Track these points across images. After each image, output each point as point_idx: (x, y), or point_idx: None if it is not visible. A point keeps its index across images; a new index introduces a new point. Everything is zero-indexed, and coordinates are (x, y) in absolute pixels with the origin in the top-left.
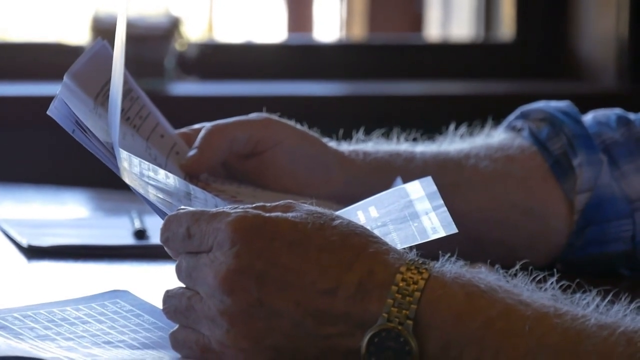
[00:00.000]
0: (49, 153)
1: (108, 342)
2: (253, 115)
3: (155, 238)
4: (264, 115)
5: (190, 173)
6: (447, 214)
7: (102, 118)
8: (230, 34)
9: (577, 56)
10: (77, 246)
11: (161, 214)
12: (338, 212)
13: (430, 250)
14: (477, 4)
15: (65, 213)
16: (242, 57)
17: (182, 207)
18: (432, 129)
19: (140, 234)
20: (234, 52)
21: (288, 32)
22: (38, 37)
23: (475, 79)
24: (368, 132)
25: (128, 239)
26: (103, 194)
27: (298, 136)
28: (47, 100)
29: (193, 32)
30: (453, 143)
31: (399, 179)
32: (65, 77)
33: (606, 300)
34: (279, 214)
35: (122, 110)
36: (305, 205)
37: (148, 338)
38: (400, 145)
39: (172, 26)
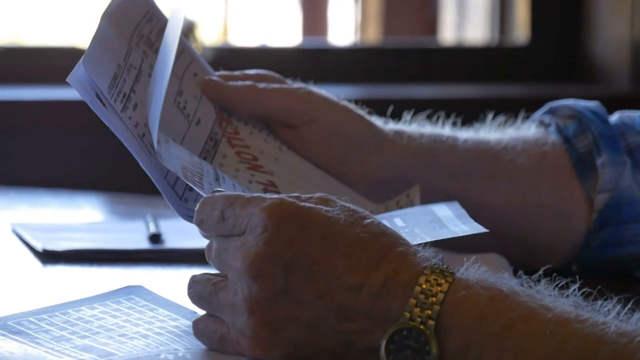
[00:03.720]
0: (63, 157)
1: (123, 335)
2: (295, 86)
3: (170, 242)
4: (306, 88)
5: (207, 92)
6: (476, 224)
7: (131, 71)
8: (245, 38)
9: (592, 59)
10: (92, 250)
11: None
12: None
13: (451, 246)
14: (492, 7)
15: (80, 217)
16: (257, 61)
17: (218, 189)
18: None
19: (155, 237)
20: (249, 56)
21: (303, 35)
22: (53, 41)
23: (490, 82)
24: None
25: (143, 243)
26: (118, 198)
27: (338, 114)
28: (61, 105)
29: (208, 36)
30: (491, 132)
31: (416, 187)
32: (100, 20)
33: (627, 307)
34: (313, 205)
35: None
36: (340, 200)
37: (162, 328)
38: (443, 131)
39: (187, 30)
